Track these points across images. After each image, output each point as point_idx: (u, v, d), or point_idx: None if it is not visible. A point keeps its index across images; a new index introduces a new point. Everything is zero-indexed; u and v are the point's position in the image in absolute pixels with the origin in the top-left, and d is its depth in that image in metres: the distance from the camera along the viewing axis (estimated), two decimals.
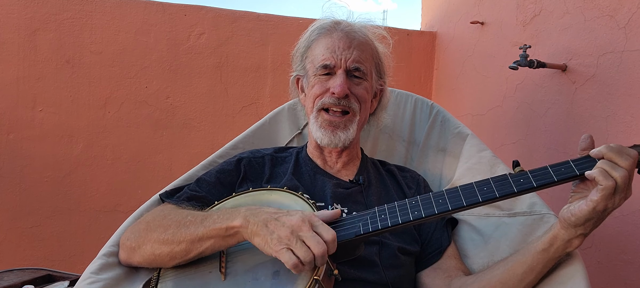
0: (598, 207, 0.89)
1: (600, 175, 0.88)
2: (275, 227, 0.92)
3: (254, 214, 0.96)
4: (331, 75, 1.29)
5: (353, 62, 1.27)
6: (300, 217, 0.93)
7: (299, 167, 1.35)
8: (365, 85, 1.31)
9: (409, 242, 1.23)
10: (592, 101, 1.62)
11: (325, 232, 0.92)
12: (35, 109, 2.22)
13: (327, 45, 1.29)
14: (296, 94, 1.45)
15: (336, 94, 1.25)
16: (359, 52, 1.29)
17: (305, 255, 0.89)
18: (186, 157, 2.38)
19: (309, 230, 0.91)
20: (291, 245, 0.90)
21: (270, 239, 0.91)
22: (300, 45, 1.40)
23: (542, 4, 1.86)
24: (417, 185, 1.38)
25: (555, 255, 0.99)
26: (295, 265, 0.89)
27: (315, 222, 0.94)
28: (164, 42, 2.35)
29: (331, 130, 1.28)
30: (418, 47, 2.73)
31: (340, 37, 1.29)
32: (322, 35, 1.32)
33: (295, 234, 0.90)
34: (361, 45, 1.30)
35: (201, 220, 1.02)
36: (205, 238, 1.00)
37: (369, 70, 1.33)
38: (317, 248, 0.89)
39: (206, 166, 1.43)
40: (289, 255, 0.89)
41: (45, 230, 2.25)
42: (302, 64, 1.38)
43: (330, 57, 1.27)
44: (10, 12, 2.17)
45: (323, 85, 1.29)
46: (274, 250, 0.91)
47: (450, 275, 1.20)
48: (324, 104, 1.28)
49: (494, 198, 0.98)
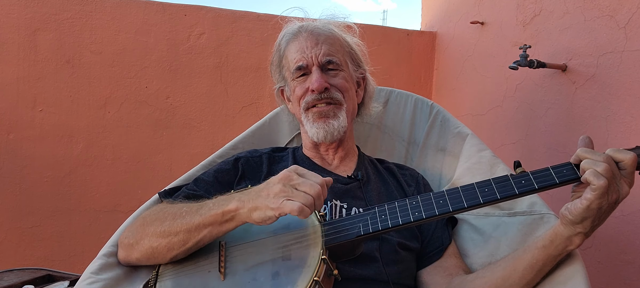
0: (592, 205, 0.90)
1: (591, 176, 0.90)
2: (267, 191, 0.94)
3: (246, 193, 0.98)
4: (307, 75, 1.32)
5: (324, 56, 1.31)
6: (285, 171, 0.96)
7: (297, 164, 1.35)
8: (343, 74, 1.34)
9: (409, 238, 1.23)
10: (592, 101, 1.62)
11: (313, 176, 0.95)
12: (35, 109, 2.22)
13: (297, 48, 1.33)
14: (284, 105, 1.50)
15: (315, 89, 1.28)
16: (328, 45, 1.32)
17: (305, 198, 0.90)
18: (186, 157, 2.38)
19: (298, 177, 0.94)
20: (288, 195, 0.91)
21: (268, 202, 0.92)
22: (273, 58, 1.46)
23: (542, 4, 1.86)
24: (416, 183, 1.39)
25: (555, 252, 0.99)
26: (301, 209, 0.89)
27: (300, 170, 0.97)
28: (164, 42, 2.35)
29: (323, 121, 1.30)
30: (418, 47, 2.73)
31: (306, 37, 1.33)
32: (290, 41, 1.37)
33: (288, 185, 0.93)
34: (328, 39, 1.34)
35: (197, 209, 1.02)
36: (202, 226, 1.00)
37: (343, 60, 1.36)
38: (312, 189, 0.92)
39: (206, 166, 1.44)
40: (291, 203, 0.90)
41: (45, 230, 2.25)
42: (281, 74, 1.43)
43: (301, 58, 1.31)
44: (10, 12, 2.18)
45: (302, 86, 1.33)
46: (275, 207, 0.91)
47: (451, 274, 1.20)
48: (308, 103, 1.31)
49: (495, 200, 0.98)
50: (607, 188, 0.89)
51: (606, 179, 0.89)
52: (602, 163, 0.91)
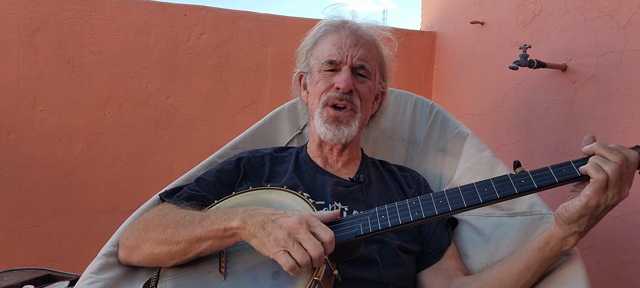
0: (590, 202, 0.90)
1: (591, 169, 0.90)
2: (272, 229, 0.92)
3: (251, 216, 0.96)
4: (336, 71, 1.30)
5: (359, 60, 1.29)
6: (298, 219, 0.92)
7: (299, 166, 1.35)
8: (369, 84, 1.33)
9: (409, 241, 1.23)
10: (592, 101, 1.62)
11: (323, 233, 0.91)
12: (35, 109, 2.22)
13: (334, 41, 1.31)
14: (298, 91, 1.46)
15: (341, 89, 1.26)
16: (365, 50, 1.31)
17: (302, 257, 0.88)
18: (186, 157, 2.38)
19: (306, 232, 0.90)
20: (288, 247, 0.89)
21: (267, 241, 0.91)
22: (306, 42, 1.41)
23: (542, 4, 1.86)
24: (417, 185, 1.39)
25: (551, 254, 0.99)
26: (292, 268, 0.88)
27: (312, 222, 0.93)
28: (164, 42, 2.35)
29: (335, 126, 1.29)
30: (418, 47, 2.73)
31: (347, 34, 1.31)
32: (329, 32, 1.34)
33: (292, 236, 0.90)
34: (367, 44, 1.32)
35: (199, 221, 1.02)
36: (203, 239, 1.00)
37: (373, 70, 1.34)
38: (314, 250, 0.88)
39: (206, 166, 1.43)
40: (286, 257, 0.88)
41: (45, 230, 2.25)
42: (307, 61, 1.39)
43: (336, 53, 1.29)
44: (10, 12, 2.17)
45: (328, 81, 1.30)
46: (271, 253, 0.90)
47: (450, 275, 1.20)
48: (329, 99, 1.29)
49: (494, 199, 0.98)
50: (606, 184, 0.89)
51: (606, 175, 0.89)
52: (611, 162, 0.90)
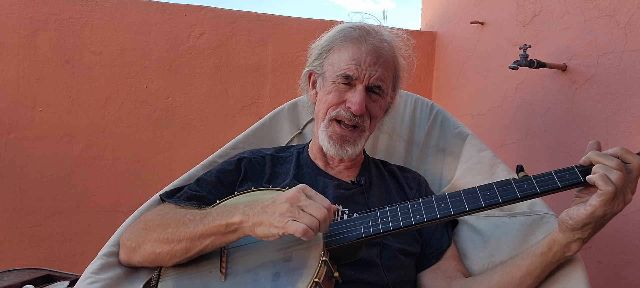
0: (596, 212, 0.89)
1: (600, 180, 0.89)
2: (274, 208, 0.93)
3: (251, 208, 0.97)
4: (350, 86, 1.25)
5: (376, 80, 1.24)
6: (294, 190, 0.95)
7: (300, 167, 1.35)
8: (381, 102, 1.30)
9: (409, 243, 1.23)
10: (592, 101, 1.62)
11: (321, 199, 0.95)
12: (35, 109, 2.22)
13: (353, 55, 1.24)
14: (306, 87, 1.41)
15: (353, 111, 1.23)
16: (384, 69, 1.25)
17: (310, 220, 0.90)
18: (186, 157, 2.38)
19: (306, 199, 0.93)
20: (294, 215, 0.91)
21: (273, 219, 0.92)
22: (322, 42, 1.33)
23: (542, 4, 1.86)
24: (418, 186, 1.38)
25: (553, 259, 0.99)
26: (305, 231, 0.89)
27: (308, 191, 0.96)
28: (164, 42, 2.34)
29: (340, 144, 1.26)
30: (418, 47, 2.73)
31: (368, 51, 1.24)
32: (348, 41, 1.27)
33: (295, 205, 0.92)
34: (386, 63, 1.27)
35: (200, 218, 1.02)
36: (205, 236, 1.00)
37: (388, 87, 1.31)
38: (318, 212, 0.91)
39: (206, 166, 1.43)
40: (296, 224, 0.89)
41: (45, 230, 2.25)
42: (320, 62, 1.32)
43: (354, 69, 1.23)
44: (10, 12, 2.17)
45: (340, 96, 1.25)
46: (280, 227, 0.91)
47: (449, 277, 1.20)
48: (338, 115, 1.25)
49: (497, 204, 0.98)
50: (614, 196, 0.88)
51: (615, 187, 0.88)
52: (615, 171, 0.89)
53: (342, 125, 1.26)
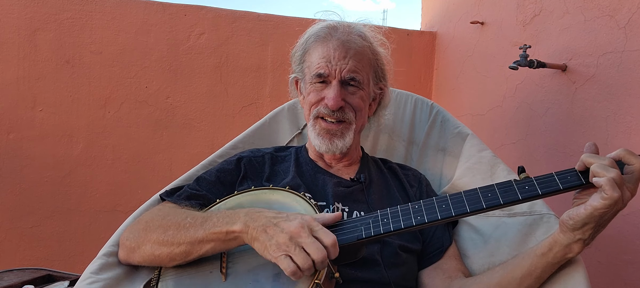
0: (596, 211, 0.89)
1: (607, 185, 0.88)
2: (274, 233, 0.91)
3: (254, 219, 0.96)
4: (326, 83, 1.28)
5: (348, 72, 1.26)
6: (299, 223, 0.92)
7: (300, 166, 1.35)
8: (361, 94, 1.30)
9: (410, 240, 1.23)
10: (592, 101, 1.62)
11: (325, 237, 0.91)
12: (35, 109, 2.22)
13: (323, 53, 1.27)
14: (296, 94, 1.46)
15: (330, 107, 1.25)
16: (355, 61, 1.26)
17: (304, 261, 0.88)
18: (186, 157, 2.38)
19: (308, 235, 0.90)
20: (290, 251, 0.89)
21: (269, 245, 0.91)
22: (297, 48, 1.39)
23: (542, 4, 1.86)
24: (418, 183, 1.38)
25: (554, 260, 0.99)
26: (294, 273, 0.88)
27: (314, 226, 0.92)
28: (164, 42, 2.34)
29: (328, 139, 1.28)
30: (418, 47, 2.73)
31: (335, 46, 1.26)
32: (318, 41, 1.30)
33: (294, 240, 0.90)
34: (358, 54, 1.27)
35: (201, 223, 1.01)
36: (205, 242, 0.99)
37: (366, 78, 1.31)
38: (316, 254, 0.88)
39: (206, 166, 1.43)
40: (288, 262, 0.88)
41: (45, 230, 2.25)
42: (301, 66, 1.37)
43: (325, 66, 1.25)
44: (10, 12, 2.17)
45: (318, 94, 1.28)
46: (273, 257, 0.90)
47: (450, 276, 1.20)
48: (319, 113, 1.28)
49: (498, 205, 0.98)
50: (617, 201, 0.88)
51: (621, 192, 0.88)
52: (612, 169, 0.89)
53: (326, 120, 1.28)
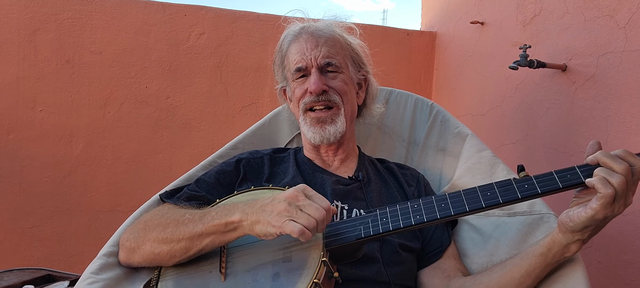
0: (597, 215, 0.89)
1: (599, 183, 0.88)
2: (272, 207, 0.94)
3: (251, 206, 0.98)
4: (307, 76, 1.33)
5: (323, 58, 1.31)
6: (293, 189, 0.95)
7: (299, 166, 1.36)
8: (342, 77, 1.34)
9: (409, 239, 1.23)
10: (592, 101, 1.62)
11: (320, 199, 0.95)
12: (35, 109, 2.22)
13: (297, 49, 1.33)
14: (285, 103, 1.51)
15: (313, 91, 1.28)
16: (328, 47, 1.32)
17: (308, 221, 0.90)
18: (186, 157, 2.38)
19: (305, 198, 0.94)
20: (292, 215, 0.91)
21: (271, 218, 0.92)
22: (276, 58, 1.46)
23: (542, 4, 1.86)
24: (417, 183, 1.39)
25: (553, 260, 0.99)
26: (301, 232, 0.89)
27: (308, 191, 0.96)
28: (164, 42, 2.35)
29: (320, 127, 1.30)
30: (418, 47, 2.73)
31: (306, 38, 1.33)
32: (291, 42, 1.37)
33: (293, 205, 0.92)
34: (329, 41, 1.33)
35: (200, 218, 1.02)
36: (204, 235, 1.00)
37: (343, 62, 1.35)
38: (316, 213, 0.91)
39: (206, 166, 1.44)
40: (293, 224, 0.90)
41: (45, 230, 2.25)
42: (283, 74, 1.43)
43: (301, 60, 1.31)
44: (10, 12, 2.17)
45: (302, 87, 1.33)
46: (277, 226, 0.91)
47: (449, 276, 1.20)
48: (307, 104, 1.32)
49: (497, 204, 0.98)
50: (614, 199, 0.87)
51: (615, 190, 0.87)
52: (617, 174, 0.88)
53: (315, 110, 1.31)
